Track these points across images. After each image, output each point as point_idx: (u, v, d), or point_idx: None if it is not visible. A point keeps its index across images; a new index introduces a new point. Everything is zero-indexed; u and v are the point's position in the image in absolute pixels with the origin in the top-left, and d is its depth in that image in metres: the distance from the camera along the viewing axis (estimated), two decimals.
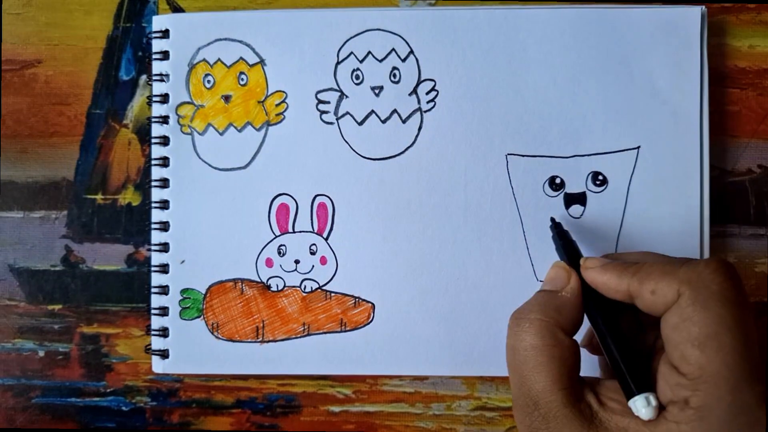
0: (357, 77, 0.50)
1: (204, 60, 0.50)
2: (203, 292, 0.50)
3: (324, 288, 0.50)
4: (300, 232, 0.50)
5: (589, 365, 0.44)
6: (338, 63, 0.50)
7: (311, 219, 0.50)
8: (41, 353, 0.52)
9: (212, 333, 0.50)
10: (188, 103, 0.50)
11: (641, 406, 0.36)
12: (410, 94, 0.49)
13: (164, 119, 0.50)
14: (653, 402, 0.36)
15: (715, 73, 0.50)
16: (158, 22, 0.51)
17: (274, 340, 0.50)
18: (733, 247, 0.51)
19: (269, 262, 0.50)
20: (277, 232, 0.50)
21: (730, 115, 0.51)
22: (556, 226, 0.47)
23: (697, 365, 0.35)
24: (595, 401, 0.38)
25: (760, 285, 0.51)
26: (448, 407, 0.51)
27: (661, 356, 0.38)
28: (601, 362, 0.45)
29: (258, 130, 0.50)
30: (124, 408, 0.52)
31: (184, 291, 0.50)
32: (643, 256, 0.43)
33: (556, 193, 0.49)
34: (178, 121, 0.50)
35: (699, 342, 0.35)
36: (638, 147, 0.48)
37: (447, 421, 0.51)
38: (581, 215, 0.49)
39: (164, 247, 0.50)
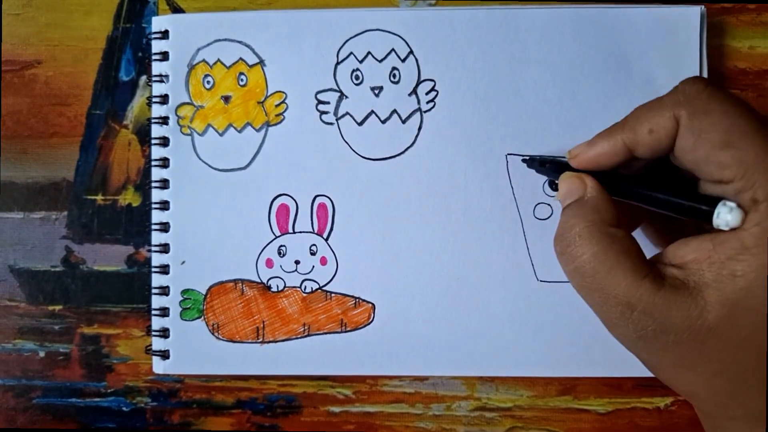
0: (357, 77, 0.50)
1: (203, 61, 0.50)
2: (203, 292, 0.50)
3: (324, 288, 0.50)
4: (300, 232, 0.50)
5: None
6: (338, 63, 0.50)
7: (311, 219, 0.50)
8: (42, 354, 0.52)
9: (213, 333, 0.50)
10: (188, 103, 0.50)
11: (725, 213, 0.34)
12: (410, 95, 0.49)
13: (164, 120, 0.50)
14: (732, 204, 0.35)
15: (714, 74, 0.50)
16: (158, 23, 0.51)
17: (275, 341, 0.50)
18: None
19: (269, 263, 0.50)
20: (277, 233, 0.50)
21: None
22: (532, 161, 0.47)
23: (737, 162, 0.34)
24: (675, 269, 0.37)
25: None
26: (448, 408, 0.52)
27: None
28: (650, 238, 0.45)
29: (258, 130, 0.50)
30: (124, 408, 0.52)
31: (184, 292, 0.50)
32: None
33: (555, 193, 0.49)
34: (178, 122, 0.50)
35: (724, 142, 0.35)
36: None
37: (447, 421, 0.52)
38: None
39: (164, 248, 0.50)
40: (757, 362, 0.35)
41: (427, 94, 0.49)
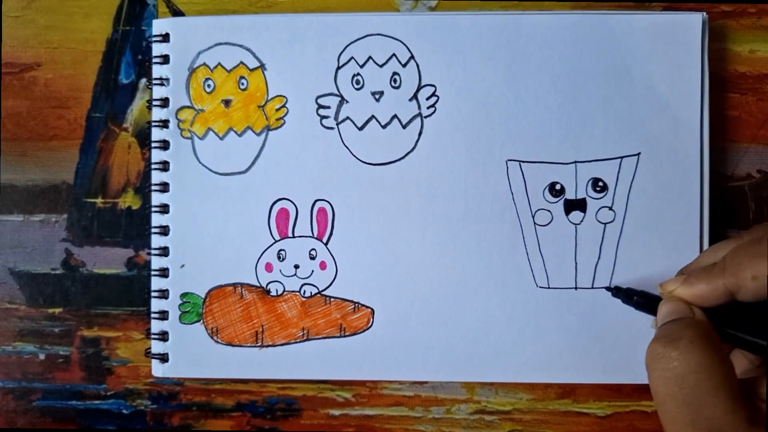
0: (357, 82, 0.50)
1: (204, 64, 0.50)
2: (203, 296, 0.50)
3: (323, 293, 0.50)
4: (300, 236, 0.50)
5: None
6: (339, 68, 0.50)
7: (311, 224, 0.50)
8: (42, 356, 0.52)
9: (212, 337, 0.50)
10: (188, 107, 0.50)
11: None
12: (410, 100, 0.49)
13: (164, 123, 0.50)
14: None
15: (715, 78, 0.50)
16: (158, 26, 0.50)
17: (274, 345, 0.50)
18: None
19: (269, 267, 0.50)
20: (277, 237, 0.50)
21: (730, 120, 0.51)
22: (618, 291, 0.46)
23: None
24: (762, 403, 0.35)
25: None
26: (447, 411, 0.52)
27: None
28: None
29: (258, 134, 0.50)
30: (124, 411, 0.52)
31: (183, 295, 0.50)
32: (712, 252, 0.42)
33: (556, 199, 0.49)
34: (178, 126, 0.50)
35: None
36: (638, 153, 0.48)
37: (446, 424, 0.52)
38: (581, 221, 0.49)
39: (164, 251, 0.50)
40: None
41: (427, 99, 0.49)
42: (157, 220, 0.50)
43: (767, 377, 0.37)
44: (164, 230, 0.50)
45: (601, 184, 0.49)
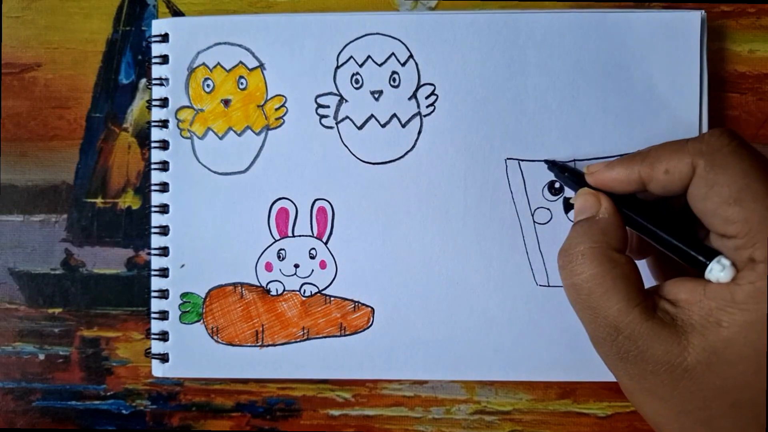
0: (356, 81, 0.50)
1: (203, 64, 0.50)
2: (203, 296, 0.50)
3: (323, 292, 0.50)
4: (299, 236, 0.50)
5: None
6: (338, 67, 0.50)
7: (311, 223, 0.50)
8: (41, 356, 0.52)
9: (212, 337, 0.50)
10: (188, 107, 0.50)
11: (718, 270, 0.36)
12: (410, 99, 0.49)
13: (164, 123, 0.50)
14: (726, 262, 0.36)
15: (714, 78, 0.50)
16: (158, 26, 0.51)
17: (274, 345, 0.50)
18: None
19: (269, 267, 0.50)
20: (277, 237, 0.50)
21: (730, 120, 0.51)
22: (553, 165, 0.47)
23: (742, 220, 0.35)
24: (668, 304, 0.38)
25: None
26: (447, 411, 0.52)
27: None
28: (652, 269, 0.46)
29: (257, 134, 0.50)
30: (124, 411, 0.52)
31: (183, 295, 0.50)
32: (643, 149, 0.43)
33: (555, 198, 0.49)
34: (178, 125, 0.50)
35: (734, 198, 0.35)
36: None
37: (446, 425, 0.52)
38: None
39: (164, 251, 0.50)
40: (727, 411, 0.36)
41: (426, 98, 0.49)
42: (157, 220, 0.51)
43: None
44: (164, 230, 0.50)
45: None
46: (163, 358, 0.50)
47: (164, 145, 0.50)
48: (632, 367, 0.37)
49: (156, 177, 0.50)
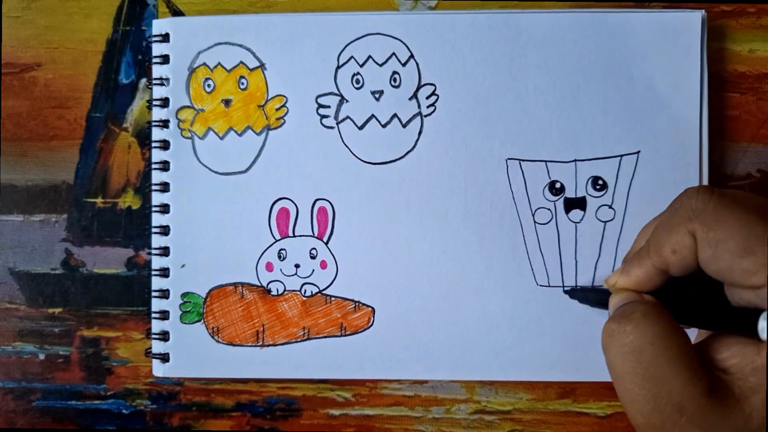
0: (357, 81, 0.50)
1: (204, 64, 0.50)
2: (203, 296, 0.50)
3: (324, 292, 0.50)
4: (300, 236, 0.50)
5: None
6: (338, 67, 0.50)
7: (311, 223, 0.50)
8: (41, 356, 0.52)
9: (212, 337, 0.50)
10: (188, 107, 0.50)
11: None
12: (410, 99, 0.49)
13: (164, 123, 0.50)
14: None
15: (714, 78, 0.50)
16: (158, 26, 0.51)
17: (274, 344, 0.50)
18: None
19: (269, 266, 0.50)
20: (278, 236, 0.50)
21: (730, 120, 0.51)
22: (573, 292, 0.48)
23: (760, 267, 0.34)
24: (720, 372, 0.35)
25: None
26: (447, 411, 0.52)
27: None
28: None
29: (258, 134, 0.50)
30: (124, 411, 0.52)
31: (184, 295, 0.50)
32: (644, 233, 0.42)
33: (555, 198, 0.49)
34: (179, 125, 0.50)
35: (743, 249, 0.34)
36: (638, 152, 0.49)
37: (446, 424, 0.52)
38: (581, 220, 0.49)
39: (164, 251, 0.50)
40: None
41: (427, 98, 0.49)
42: (157, 220, 0.50)
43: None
44: (164, 230, 0.50)
45: (600, 182, 0.49)
46: (164, 357, 0.50)
47: (165, 145, 0.50)
48: None
49: (156, 177, 0.50)
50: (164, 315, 0.50)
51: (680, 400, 0.34)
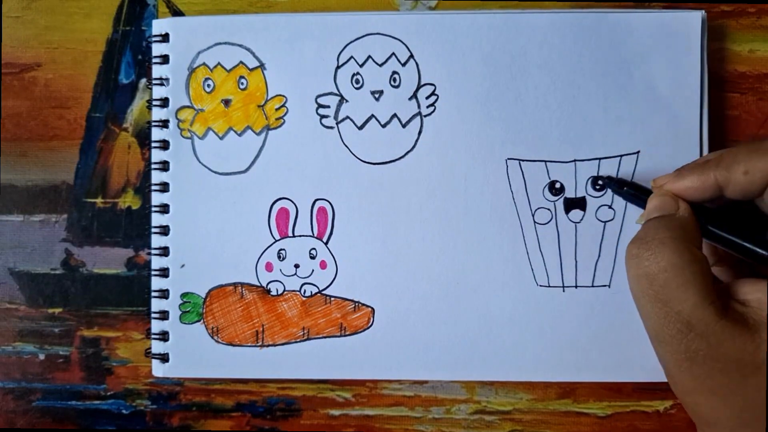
0: (357, 81, 0.50)
1: (204, 64, 0.50)
2: (203, 296, 0.50)
3: (324, 292, 0.50)
4: (300, 236, 0.50)
5: None
6: (338, 67, 0.50)
7: (311, 223, 0.50)
8: (41, 356, 0.52)
9: (212, 337, 0.50)
10: (188, 107, 0.50)
11: None
12: (410, 99, 0.49)
13: (164, 123, 0.50)
14: None
15: (714, 78, 0.50)
16: (158, 26, 0.51)
17: (274, 345, 0.50)
18: None
19: (269, 267, 0.50)
20: (277, 237, 0.50)
21: (730, 120, 0.51)
22: (610, 180, 0.47)
23: None
24: (738, 304, 0.38)
25: None
26: (447, 411, 0.52)
27: None
28: (718, 271, 0.45)
29: (258, 134, 0.50)
30: (124, 411, 0.52)
31: (184, 295, 0.50)
32: (711, 153, 0.43)
33: (555, 198, 0.49)
34: (178, 125, 0.50)
35: None
36: (638, 152, 0.48)
37: (446, 424, 0.52)
38: (581, 220, 0.49)
39: (164, 251, 0.50)
40: None
41: (427, 98, 0.49)
42: (157, 220, 0.50)
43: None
44: (164, 230, 0.50)
45: (600, 182, 0.49)
46: (163, 358, 0.50)
47: (164, 145, 0.50)
48: (699, 366, 0.37)
49: (156, 177, 0.50)
50: (164, 315, 0.50)
51: (689, 319, 0.36)
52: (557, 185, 0.49)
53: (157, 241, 0.50)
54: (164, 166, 0.50)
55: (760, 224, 0.40)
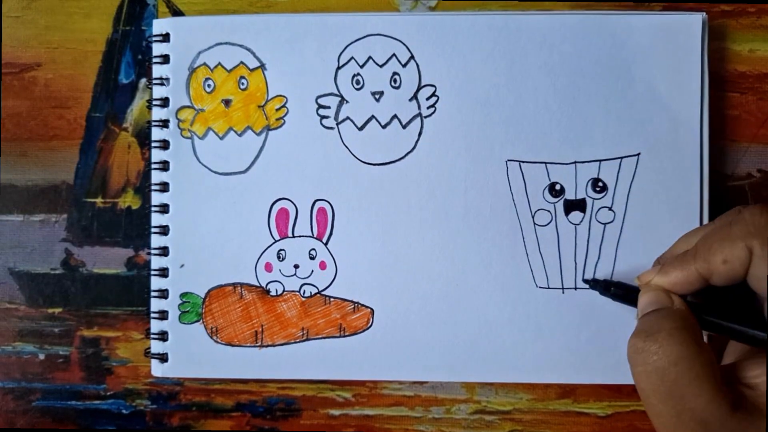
0: (357, 82, 0.50)
1: (204, 64, 0.50)
2: (202, 296, 0.50)
3: (323, 293, 0.50)
4: (299, 236, 0.50)
5: None
6: (339, 68, 0.50)
7: (311, 224, 0.50)
8: (41, 356, 0.52)
9: (211, 337, 0.50)
10: (188, 107, 0.50)
11: None
12: (410, 100, 0.49)
13: (164, 123, 0.50)
14: None
15: (715, 78, 0.50)
16: (158, 26, 0.50)
17: (273, 345, 0.50)
18: None
19: (268, 267, 0.50)
20: (277, 237, 0.50)
21: (730, 120, 0.51)
22: (596, 284, 0.47)
23: None
24: (746, 388, 0.36)
25: None
26: (447, 411, 0.52)
27: None
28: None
29: (258, 134, 0.50)
30: (124, 411, 0.52)
31: (183, 295, 0.50)
32: (685, 240, 0.43)
33: (555, 200, 0.49)
34: (178, 125, 0.50)
35: None
36: (638, 153, 0.48)
37: (446, 424, 0.52)
38: (581, 222, 0.49)
39: (164, 251, 0.50)
40: None
41: (427, 99, 0.49)
42: (157, 219, 0.50)
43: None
44: (164, 230, 0.50)
45: (600, 184, 0.49)
46: (163, 358, 0.50)
47: (165, 144, 0.50)
48: None
49: (156, 177, 0.50)
50: (163, 315, 0.50)
51: (704, 416, 0.35)
52: (557, 187, 0.49)
53: (156, 241, 0.50)
54: (164, 166, 0.50)
55: (753, 304, 0.40)
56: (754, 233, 0.37)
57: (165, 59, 0.50)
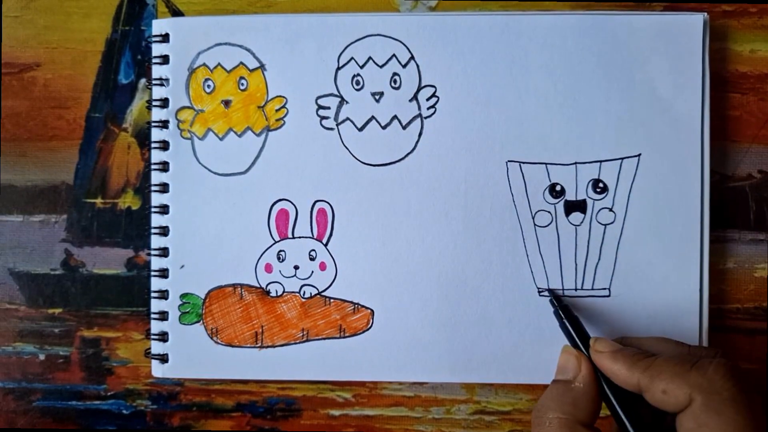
0: (357, 83, 0.49)
1: (204, 64, 0.50)
2: (202, 297, 0.50)
3: (323, 294, 0.50)
4: (299, 237, 0.50)
5: None
6: (339, 68, 0.50)
7: (311, 225, 0.50)
8: (42, 357, 0.52)
9: (211, 338, 0.50)
10: (188, 107, 0.50)
11: None
12: (411, 100, 0.49)
13: (164, 123, 0.50)
14: None
15: (715, 78, 0.50)
16: (158, 26, 0.50)
17: (273, 346, 0.50)
18: (733, 252, 0.51)
19: (268, 268, 0.50)
20: (277, 238, 0.50)
21: (731, 120, 0.51)
22: (557, 302, 0.47)
23: None
24: None
25: (759, 290, 0.51)
26: (447, 411, 0.52)
27: None
28: None
29: (258, 135, 0.50)
30: (124, 411, 0.52)
31: (183, 296, 0.50)
32: (656, 343, 0.44)
33: (556, 201, 0.49)
34: (178, 126, 0.50)
35: None
36: (639, 154, 0.48)
37: (446, 424, 0.52)
38: (581, 222, 0.49)
39: (164, 252, 0.50)
40: None
41: (427, 100, 0.49)
42: (156, 220, 0.50)
43: None
44: (164, 231, 0.50)
45: (601, 185, 0.49)
46: (163, 358, 0.50)
47: (164, 145, 0.50)
48: None
49: (156, 177, 0.50)
50: (163, 316, 0.50)
51: None
52: (558, 188, 0.49)
53: (156, 241, 0.50)
54: (164, 166, 0.50)
55: (651, 413, 0.41)
56: (704, 389, 0.37)
57: (164, 59, 0.50)
